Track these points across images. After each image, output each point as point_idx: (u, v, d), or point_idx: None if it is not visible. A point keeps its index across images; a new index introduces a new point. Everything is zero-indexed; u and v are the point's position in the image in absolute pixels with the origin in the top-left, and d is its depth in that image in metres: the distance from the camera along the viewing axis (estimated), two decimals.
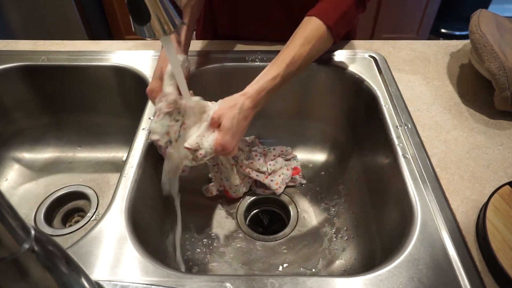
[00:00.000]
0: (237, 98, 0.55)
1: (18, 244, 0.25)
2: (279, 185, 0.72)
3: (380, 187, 0.62)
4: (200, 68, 0.73)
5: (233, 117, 0.53)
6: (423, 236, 0.46)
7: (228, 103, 0.54)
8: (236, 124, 0.53)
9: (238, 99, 0.54)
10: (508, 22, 0.73)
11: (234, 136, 0.53)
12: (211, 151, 0.53)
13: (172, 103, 0.53)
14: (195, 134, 0.54)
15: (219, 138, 0.52)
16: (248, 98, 0.55)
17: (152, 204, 0.59)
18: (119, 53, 0.77)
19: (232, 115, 0.53)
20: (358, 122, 0.75)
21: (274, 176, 0.73)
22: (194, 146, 0.52)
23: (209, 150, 0.52)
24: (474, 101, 0.67)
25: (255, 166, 0.70)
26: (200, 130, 0.54)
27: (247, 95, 0.55)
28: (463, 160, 0.56)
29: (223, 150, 0.53)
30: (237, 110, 0.53)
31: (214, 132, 0.53)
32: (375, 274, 0.42)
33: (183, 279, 0.42)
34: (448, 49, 0.80)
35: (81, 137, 0.84)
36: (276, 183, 0.72)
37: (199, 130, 0.54)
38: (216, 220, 0.71)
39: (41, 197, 0.75)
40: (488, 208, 0.46)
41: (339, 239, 0.67)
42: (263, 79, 0.57)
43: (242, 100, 0.54)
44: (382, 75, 0.71)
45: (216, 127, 0.53)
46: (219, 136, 0.52)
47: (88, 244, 0.45)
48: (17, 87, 0.77)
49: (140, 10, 0.42)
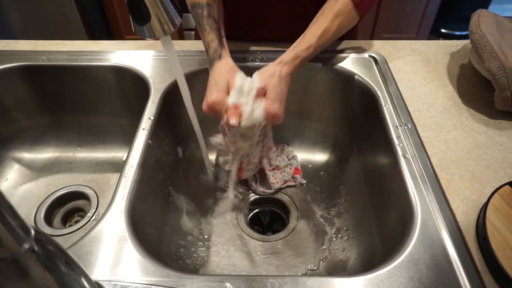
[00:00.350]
0: (274, 67, 0.57)
1: (18, 244, 0.25)
2: (277, 181, 0.73)
3: (380, 187, 0.62)
4: (200, 68, 0.73)
5: (275, 85, 0.55)
6: (423, 236, 0.46)
7: (267, 72, 0.56)
8: (280, 91, 0.55)
9: (276, 68, 0.57)
10: (508, 22, 0.73)
11: (281, 103, 0.55)
12: (263, 121, 0.54)
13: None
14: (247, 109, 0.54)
15: (268, 107, 0.54)
16: (285, 65, 0.58)
17: (152, 204, 0.59)
18: (119, 53, 0.77)
19: (274, 84, 0.55)
20: (358, 122, 0.75)
21: (276, 172, 0.74)
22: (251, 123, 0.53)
23: (261, 120, 0.54)
24: (474, 101, 0.67)
25: (270, 155, 0.71)
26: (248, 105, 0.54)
27: (283, 63, 0.58)
28: (463, 160, 0.56)
29: (273, 118, 0.54)
30: (277, 78, 0.56)
31: (262, 102, 0.54)
32: (375, 274, 0.42)
33: (183, 279, 0.42)
34: (448, 49, 0.80)
35: (81, 137, 0.84)
36: (275, 178, 0.73)
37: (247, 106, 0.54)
38: (216, 220, 0.71)
39: (41, 197, 0.75)
40: (488, 208, 0.46)
41: (339, 239, 0.67)
42: (297, 48, 0.60)
43: (279, 68, 0.57)
44: (382, 75, 0.71)
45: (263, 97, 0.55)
46: (268, 105, 0.54)
47: (88, 244, 0.45)
48: (17, 87, 0.77)
49: (140, 10, 0.42)
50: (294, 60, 0.59)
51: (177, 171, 0.73)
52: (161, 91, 0.68)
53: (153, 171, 0.60)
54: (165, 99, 0.68)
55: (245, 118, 0.53)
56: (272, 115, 0.54)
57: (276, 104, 0.54)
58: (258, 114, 0.53)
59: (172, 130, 0.71)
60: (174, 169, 0.71)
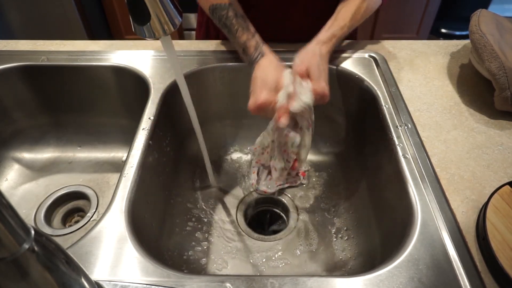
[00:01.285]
0: (314, 47, 0.59)
1: (18, 244, 0.25)
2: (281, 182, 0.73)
3: (380, 187, 0.62)
4: (200, 68, 0.73)
5: (318, 64, 0.56)
6: (423, 236, 0.46)
7: (308, 53, 0.57)
8: (322, 70, 0.56)
9: (315, 48, 0.59)
10: (508, 22, 0.73)
11: (325, 81, 0.56)
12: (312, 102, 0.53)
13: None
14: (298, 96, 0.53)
15: (315, 86, 0.54)
16: (323, 44, 0.60)
17: (152, 204, 0.59)
18: (119, 53, 0.77)
19: (316, 63, 0.55)
20: (358, 122, 0.75)
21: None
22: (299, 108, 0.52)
23: (311, 102, 0.53)
24: (474, 101, 0.67)
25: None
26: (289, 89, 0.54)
27: (321, 42, 0.60)
28: (463, 160, 0.56)
29: (322, 97, 0.54)
30: (318, 57, 0.57)
31: (308, 83, 0.54)
32: (375, 274, 0.42)
33: (183, 279, 0.42)
34: (448, 49, 0.80)
35: (81, 137, 0.84)
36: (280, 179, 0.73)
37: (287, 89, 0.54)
38: (216, 220, 0.71)
39: (41, 197, 0.75)
40: (488, 208, 0.46)
41: (339, 239, 0.67)
42: (333, 27, 0.63)
43: (319, 48, 0.59)
44: (382, 75, 0.71)
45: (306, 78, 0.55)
46: (314, 85, 0.54)
47: (88, 244, 0.45)
48: (17, 87, 0.77)
49: (140, 10, 0.42)
50: (331, 39, 0.61)
51: (177, 171, 0.73)
52: (161, 91, 0.68)
53: (153, 171, 0.60)
54: (165, 99, 0.68)
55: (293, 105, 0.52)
56: (321, 94, 0.54)
57: (322, 83, 0.54)
58: (306, 97, 0.52)
59: (172, 130, 0.71)
60: (174, 169, 0.71)
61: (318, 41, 0.60)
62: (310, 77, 0.54)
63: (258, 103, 0.54)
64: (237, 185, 0.77)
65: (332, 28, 0.63)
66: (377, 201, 0.63)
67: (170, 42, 0.48)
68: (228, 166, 0.81)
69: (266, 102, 0.54)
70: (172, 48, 0.49)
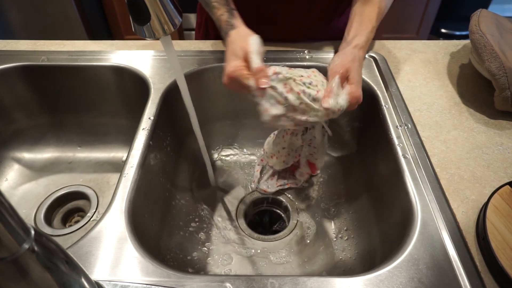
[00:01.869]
0: (353, 51, 0.58)
1: (18, 244, 0.25)
2: (282, 183, 0.74)
3: (380, 187, 0.62)
4: (200, 68, 0.73)
5: (357, 69, 0.55)
6: (423, 236, 0.46)
7: (348, 57, 0.56)
8: (360, 75, 0.56)
9: (353, 51, 0.58)
10: (508, 22, 0.73)
11: (361, 86, 0.55)
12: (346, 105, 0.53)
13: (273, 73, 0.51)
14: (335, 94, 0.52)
15: (353, 90, 0.53)
16: (361, 49, 0.60)
17: (152, 204, 0.59)
18: (119, 53, 0.77)
19: (356, 68, 0.55)
20: (358, 122, 0.75)
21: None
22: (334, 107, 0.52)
23: (345, 105, 0.53)
24: (474, 101, 0.67)
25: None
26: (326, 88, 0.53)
27: (358, 46, 0.59)
28: (463, 160, 0.56)
29: (356, 103, 0.54)
30: (357, 62, 0.56)
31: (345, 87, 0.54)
32: (375, 274, 0.42)
33: (183, 279, 0.42)
34: (448, 49, 0.80)
35: (81, 137, 0.84)
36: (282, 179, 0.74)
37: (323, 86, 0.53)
38: (216, 220, 0.71)
39: (41, 197, 0.75)
40: (488, 208, 0.46)
41: (339, 239, 0.67)
42: (365, 30, 0.62)
43: (357, 52, 0.58)
44: (382, 75, 0.71)
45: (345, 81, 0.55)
46: (352, 89, 0.53)
47: (88, 244, 0.45)
48: (17, 87, 0.77)
49: (140, 10, 0.42)
50: (366, 43, 0.61)
51: (177, 171, 0.73)
52: (161, 91, 0.68)
53: (153, 171, 0.60)
54: (165, 99, 0.68)
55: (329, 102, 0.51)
56: (356, 100, 0.54)
57: (360, 89, 0.54)
58: (343, 99, 0.52)
59: (172, 130, 0.71)
60: (174, 169, 0.71)
61: (356, 45, 0.60)
62: (349, 81, 0.54)
63: (227, 73, 0.52)
64: (237, 185, 0.77)
65: (365, 32, 0.62)
66: (377, 201, 0.63)
67: (170, 42, 0.48)
68: (228, 166, 0.81)
69: (235, 70, 0.51)
70: (172, 48, 0.49)
